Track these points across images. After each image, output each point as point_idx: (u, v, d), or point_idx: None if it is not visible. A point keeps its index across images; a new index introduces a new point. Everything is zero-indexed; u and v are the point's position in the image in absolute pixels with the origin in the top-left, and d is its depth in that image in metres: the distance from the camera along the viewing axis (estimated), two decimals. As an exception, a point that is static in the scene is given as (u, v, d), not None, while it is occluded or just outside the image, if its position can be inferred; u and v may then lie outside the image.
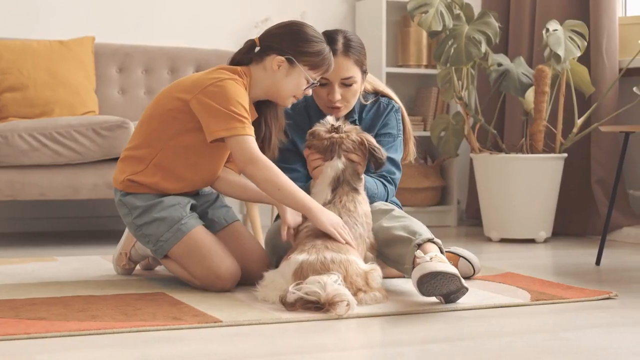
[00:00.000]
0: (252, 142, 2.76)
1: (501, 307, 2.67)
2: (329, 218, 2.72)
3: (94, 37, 4.67)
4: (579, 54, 4.35)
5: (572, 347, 2.17)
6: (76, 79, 4.46)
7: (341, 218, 2.77)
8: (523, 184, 4.45)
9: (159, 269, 3.32)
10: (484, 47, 4.34)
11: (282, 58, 2.85)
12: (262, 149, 2.97)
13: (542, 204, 4.49)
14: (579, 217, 4.80)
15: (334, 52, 3.00)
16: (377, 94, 3.25)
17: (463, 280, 2.63)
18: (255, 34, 5.08)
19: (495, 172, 4.52)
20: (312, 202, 2.75)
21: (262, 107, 2.98)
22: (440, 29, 4.35)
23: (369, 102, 3.21)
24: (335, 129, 2.87)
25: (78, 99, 4.42)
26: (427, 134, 5.24)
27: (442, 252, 2.81)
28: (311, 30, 2.90)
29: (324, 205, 2.81)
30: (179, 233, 2.86)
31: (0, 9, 4.71)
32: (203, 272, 2.84)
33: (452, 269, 2.59)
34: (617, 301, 2.80)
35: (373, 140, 2.90)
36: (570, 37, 4.36)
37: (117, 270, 3.24)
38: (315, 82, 2.91)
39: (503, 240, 4.57)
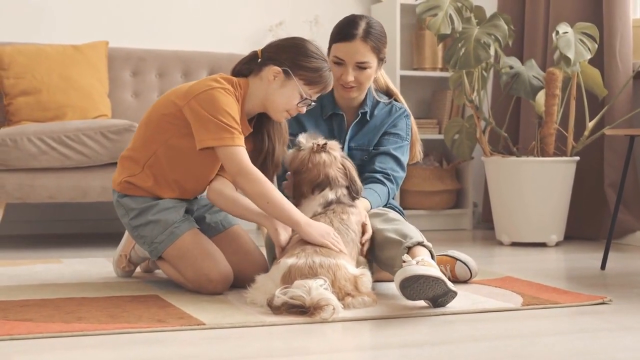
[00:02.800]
0: (242, 153, 2.77)
1: (490, 311, 2.66)
2: (318, 230, 2.72)
3: (107, 42, 4.72)
4: (589, 56, 4.31)
5: (548, 353, 2.16)
6: (89, 83, 4.52)
7: (332, 224, 2.79)
8: (534, 188, 4.42)
9: (159, 271, 3.35)
10: (492, 50, 4.32)
11: (279, 69, 2.86)
12: (265, 163, 2.99)
13: (553, 208, 4.46)
14: (593, 220, 4.76)
15: (354, 35, 3.05)
16: (390, 95, 3.29)
17: (450, 284, 2.62)
18: (269, 38, 5.14)
19: (507, 175, 4.50)
20: (300, 216, 2.75)
21: (265, 120, 2.99)
22: (449, 32, 4.34)
23: (382, 101, 3.24)
24: (322, 147, 2.87)
25: (90, 103, 4.47)
26: (442, 137, 5.23)
27: (432, 255, 2.81)
28: (313, 47, 2.92)
29: (315, 216, 2.84)
30: (172, 236, 2.89)
31: (15, 15, 4.79)
32: (194, 275, 2.86)
33: (436, 273, 2.58)
34: (611, 306, 2.78)
35: (354, 173, 2.93)
36: (580, 40, 4.33)
37: (117, 272, 3.28)
38: (310, 99, 2.91)
39: (514, 244, 4.55)
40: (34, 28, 4.81)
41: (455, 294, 2.65)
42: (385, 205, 3.20)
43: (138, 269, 3.36)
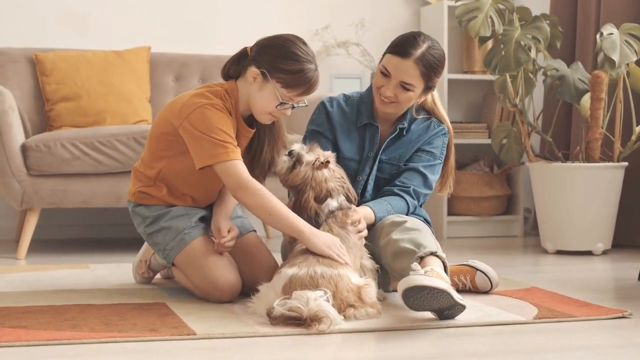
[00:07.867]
0: (239, 166, 2.73)
1: (497, 325, 2.56)
2: (323, 240, 2.67)
3: (149, 47, 4.74)
4: (634, 58, 4.15)
5: (539, 371, 2.07)
6: (129, 89, 4.54)
7: (332, 231, 2.74)
8: (579, 194, 4.28)
9: (179, 278, 3.33)
10: (533, 53, 4.19)
11: (257, 70, 2.79)
12: (252, 162, 2.94)
13: (599, 215, 4.30)
14: (644, 228, 4.59)
15: (409, 54, 2.95)
16: (429, 112, 3.19)
17: (457, 297, 2.53)
18: (315, 42, 5.09)
19: (551, 181, 4.36)
20: (304, 226, 2.70)
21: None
22: (488, 34, 4.24)
23: (420, 117, 3.15)
24: (324, 164, 2.81)
25: (130, 108, 4.49)
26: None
27: (445, 267, 2.72)
28: (297, 48, 2.79)
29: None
30: (181, 242, 2.87)
31: (59, 21, 4.84)
32: (201, 282, 2.84)
33: (441, 285, 2.48)
34: (630, 321, 2.64)
35: (349, 183, 2.89)
36: (626, 41, 4.17)
37: (136, 278, 3.27)
38: (293, 103, 2.82)
39: (559, 252, 4.40)
40: (79, 35, 4.86)
41: (463, 307, 2.56)
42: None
43: (158, 275, 3.35)
